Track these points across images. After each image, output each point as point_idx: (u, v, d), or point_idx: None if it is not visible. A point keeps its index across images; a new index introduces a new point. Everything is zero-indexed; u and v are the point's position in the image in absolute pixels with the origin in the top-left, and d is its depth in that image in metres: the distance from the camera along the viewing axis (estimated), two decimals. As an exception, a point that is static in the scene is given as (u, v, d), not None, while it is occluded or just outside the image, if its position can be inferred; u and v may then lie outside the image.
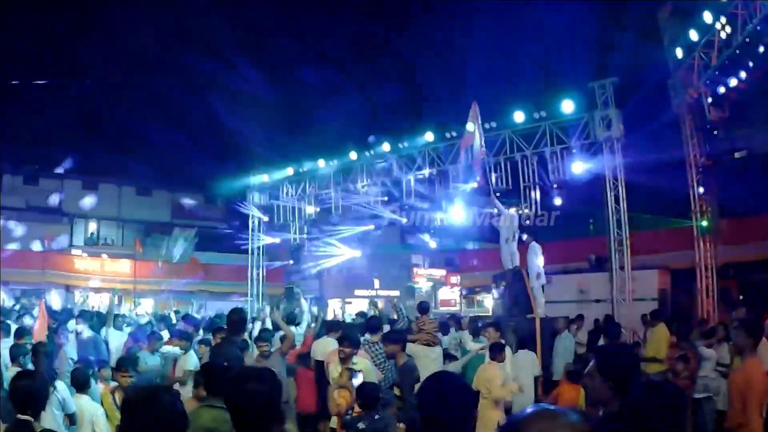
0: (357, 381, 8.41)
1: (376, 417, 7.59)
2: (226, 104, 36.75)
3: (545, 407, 2.21)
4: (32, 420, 5.03)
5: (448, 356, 12.33)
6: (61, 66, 41.62)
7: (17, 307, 18.77)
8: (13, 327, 12.54)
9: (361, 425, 7.46)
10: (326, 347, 11.23)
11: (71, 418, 7.70)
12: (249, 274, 29.84)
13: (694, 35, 16.53)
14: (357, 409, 7.95)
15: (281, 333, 10.96)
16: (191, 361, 10.87)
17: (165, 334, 13.84)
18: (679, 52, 17.34)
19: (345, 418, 7.96)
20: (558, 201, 20.18)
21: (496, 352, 10.61)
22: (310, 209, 27.39)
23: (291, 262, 32.56)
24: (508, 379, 10.38)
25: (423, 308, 13.26)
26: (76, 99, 40.64)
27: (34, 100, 39.86)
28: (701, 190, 18.56)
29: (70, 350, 11.49)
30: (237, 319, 9.14)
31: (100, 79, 41.48)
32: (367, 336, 10.94)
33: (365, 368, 8.93)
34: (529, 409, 2.22)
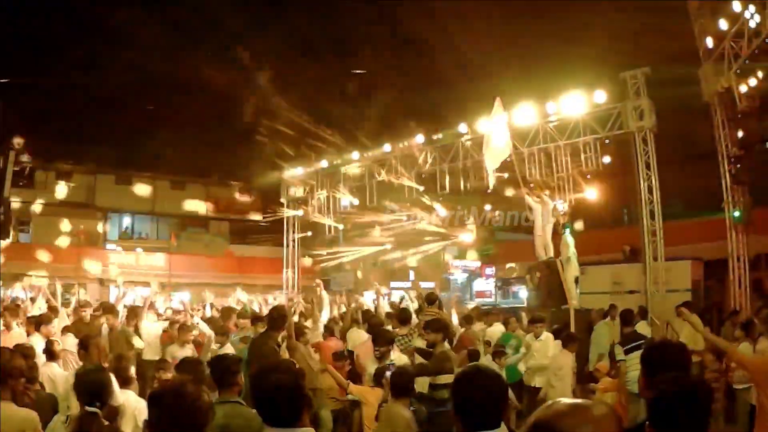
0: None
1: (411, 408, 7.77)
2: (259, 96, 37.41)
3: (575, 402, 2.33)
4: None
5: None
6: (94, 60, 42.38)
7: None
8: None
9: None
10: (356, 339, 12.00)
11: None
12: (284, 266, 30.45)
13: (723, 24, 16.71)
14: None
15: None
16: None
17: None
18: (709, 42, 17.52)
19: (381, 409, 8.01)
20: (591, 192, 20.43)
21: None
22: (346, 201, 27.84)
23: (326, 254, 33.21)
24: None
25: (430, 300, 13.71)
26: (109, 93, 41.42)
27: (66, 94, 40.75)
28: (732, 180, 18.58)
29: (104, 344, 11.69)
30: (277, 316, 9.61)
31: (133, 72, 42.22)
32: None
33: (401, 362, 9.38)
34: (558, 403, 2.36)
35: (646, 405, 3.57)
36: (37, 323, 11.76)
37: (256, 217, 43.28)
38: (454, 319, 14.04)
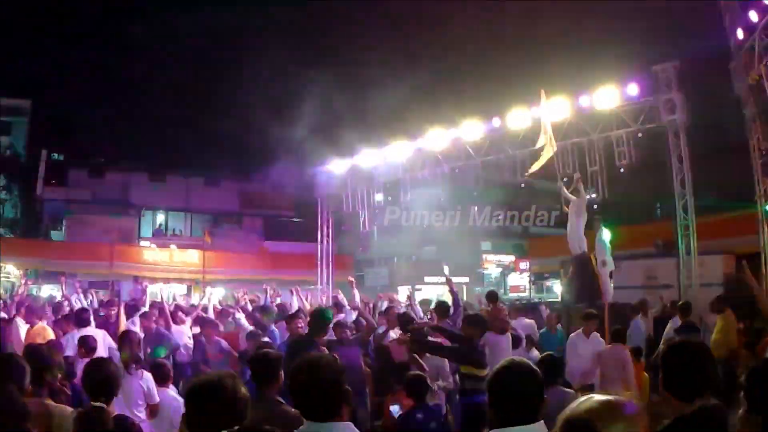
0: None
1: (432, 405, 8.18)
2: (293, 93, 38.09)
3: (608, 398, 2.49)
4: (105, 406, 5.28)
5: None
6: (127, 59, 43.28)
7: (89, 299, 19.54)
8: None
9: (419, 416, 7.90)
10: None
11: (152, 410, 8.19)
12: (318, 262, 30.83)
13: (753, 16, 16.62)
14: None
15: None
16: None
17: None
18: (740, 34, 17.44)
19: (399, 413, 8.28)
20: (624, 185, 20.66)
21: (622, 336, 11.59)
22: (379, 196, 28.28)
23: (360, 249, 33.60)
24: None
25: (492, 296, 14.33)
26: (142, 91, 42.33)
27: (99, 93, 41.77)
28: (764, 173, 18.15)
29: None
30: (319, 317, 9.77)
31: (165, 71, 43.06)
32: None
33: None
34: (591, 399, 2.52)
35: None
36: (76, 320, 12.03)
37: (290, 213, 44.03)
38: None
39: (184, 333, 13.80)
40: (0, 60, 44.19)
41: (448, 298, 15.07)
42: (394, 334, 11.99)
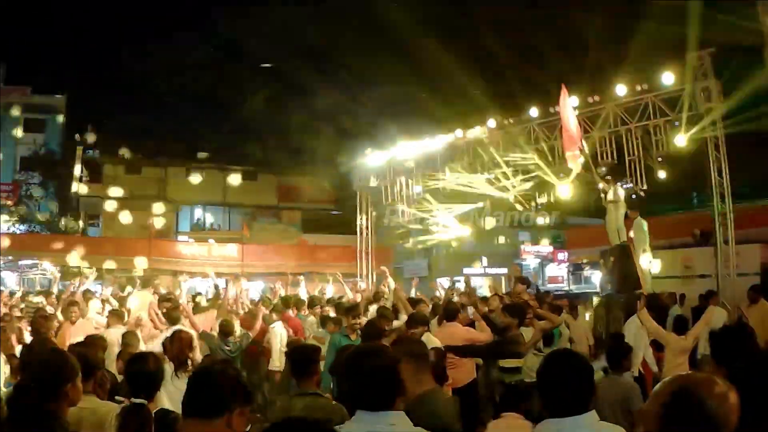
0: None
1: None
2: (331, 87, 38.97)
3: (706, 375, 2.68)
4: (145, 402, 5.33)
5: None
6: (162, 54, 44.28)
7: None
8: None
9: None
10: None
11: None
12: (357, 255, 31.72)
13: None
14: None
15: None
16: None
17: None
18: None
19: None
20: (662, 175, 21.06)
21: (684, 326, 11.80)
22: (418, 188, 28.54)
23: (400, 241, 34.21)
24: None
25: (525, 281, 14.91)
26: (176, 86, 43.35)
27: (136, 88, 42.89)
28: None
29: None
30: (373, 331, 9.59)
31: (202, 66, 44.05)
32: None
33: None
34: (692, 374, 2.71)
35: None
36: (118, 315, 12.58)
37: (329, 205, 44.87)
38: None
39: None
40: (34, 57, 45.60)
41: (486, 290, 15.83)
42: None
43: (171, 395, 6.08)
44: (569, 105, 20.17)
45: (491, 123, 25.06)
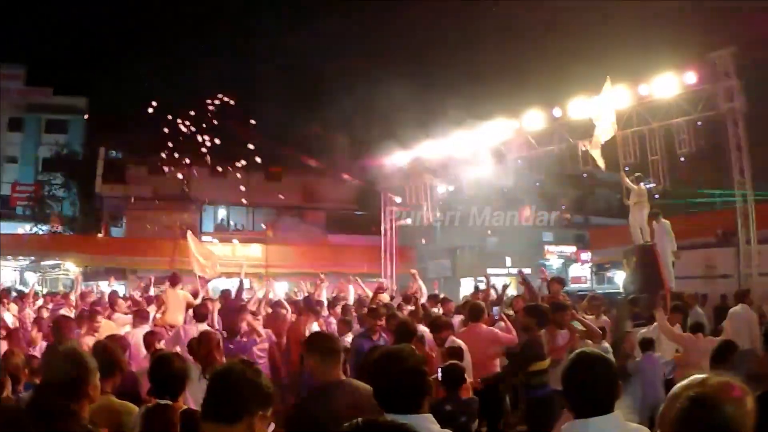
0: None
1: (463, 398, 8.21)
2: (355, 88, 39.40)
3: (724, 378, 2.69)
4: (170, 403, 5.35)
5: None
6: (184, 54, 44.92)
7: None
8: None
9: (448, 407, 7.91)
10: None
11: None
12: (381, 255, 32.05)
13: None
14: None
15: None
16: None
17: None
18: None
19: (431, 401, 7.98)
20: (685, 174, 21.33)
21: (701, 330, 11.77)
22: (441, 189, 29.22)
23: (423, 241, 34.56)
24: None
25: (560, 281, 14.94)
26: (200, 87, 43.88)
27: (156, 89, 43.41)
28: None
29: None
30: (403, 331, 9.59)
31: (223, 65, 44.61)
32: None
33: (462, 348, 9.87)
34: (711, 378, 2.70)
35: None
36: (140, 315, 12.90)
37: (352, 206, 45.29)
38: None
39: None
40: (56, 59, 46.36)
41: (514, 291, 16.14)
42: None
43: (197, 398, 5.36)
44: (608, 98, 20.51)
45: (515, 124, 25.35)
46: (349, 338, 12.15)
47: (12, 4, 48.55)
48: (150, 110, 37.19)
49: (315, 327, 13.81)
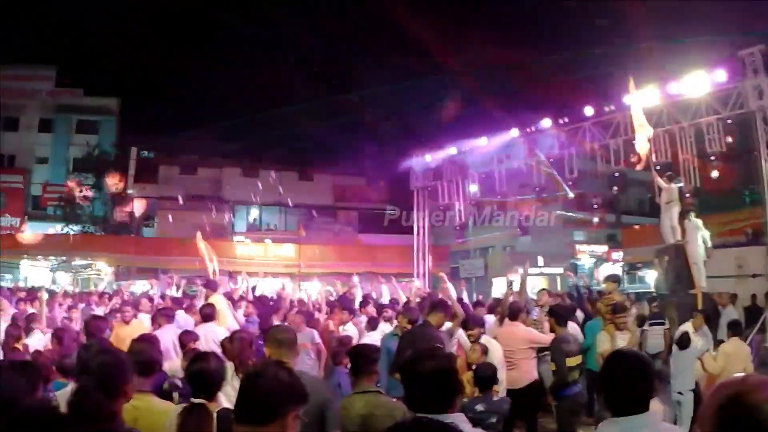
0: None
1: (494, 398, 8.31)
2: (386, 87, 40.02)
3: (762, 377, 2.67)
4: (205, 402, 5.37)
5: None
6: (216, 56, 45.67)
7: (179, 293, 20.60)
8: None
9: (479, 407, 7.98)
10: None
11: None
12: (414, 254, 32.46)
13: None
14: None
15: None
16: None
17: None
18: None
19: (463, 400, 7.70)
20: (715, 173, 21.51)
21: (739, 329, 12.11)
22: (474, 188, 29.49)
23: (456, 241, 35.00)
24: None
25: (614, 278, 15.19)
26: (232, 87, 44.66)
27: (189, 91, 44.29)
28: None
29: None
30: (436, 304, 10.22)
31: (255, 66, 45.28)
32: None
33: (490, 347, 10.14)
34: (749, 377, 2.70)
35: None
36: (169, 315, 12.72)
37: (385, 205, 45.82)
38: None
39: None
40: (88, 59, 47.25)
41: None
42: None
43: (230, 397, 5.89)
44: (636, 96, 20.59)
45: (546, 122, 25.84)
46: (377, 337, 12.40)
47: (42, 5, 49.41)
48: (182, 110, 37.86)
49: (350, 326, 14.19)
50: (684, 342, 11.74)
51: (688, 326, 12.78)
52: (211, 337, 10.91)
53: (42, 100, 55.07)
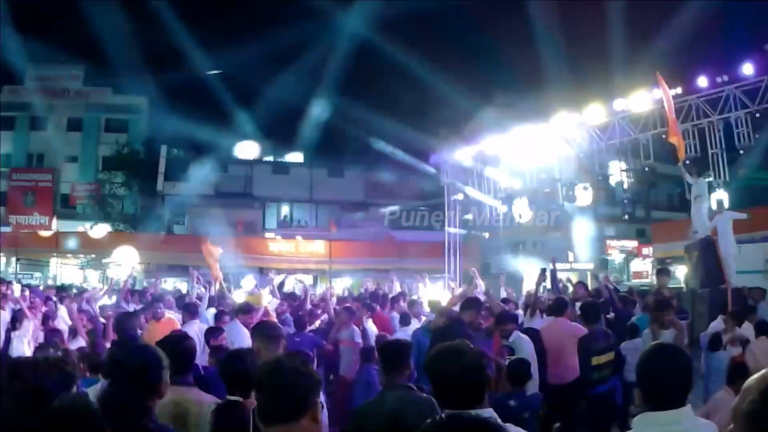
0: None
1: (528, 393, 8.45)
2: (418, 82, 40.44)
3: None
4: (240, 400, 5.42)
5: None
6: (244, 51, 46.12)
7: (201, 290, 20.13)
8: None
9: (512, 402, 8.05)
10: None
11: None
12: (445, 250, 32.60)
13: None
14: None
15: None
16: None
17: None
18: None
19: (495, 395, 7.89)
20: (744, 168, 21.76)
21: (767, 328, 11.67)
22: (506, 182, 29.74)
23: (487, 235, 35.33)
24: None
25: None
26: (262, 83, 45.13)
27: (219, 86, 44.86)
28: None
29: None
30: (470, 301, 10.72)
31: (286, 62, 45.72)
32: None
33: (519, 344, 10.00)
34: None
35: None
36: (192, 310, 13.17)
37: (416, 201, 46.14)
38: None
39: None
40: (116, 58, 47.83)
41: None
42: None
43: None
44: (666, 90, 20.78)
45: (577, 117, 25.84)
46: (408, 332, 12.73)
47: (70, 4, 50.09)
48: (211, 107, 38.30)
49: (369, 323, 14.67)
50: (715, 343, 11.65)
51: (719, 326, 12.75)
52: (234, 337, 10.87)
53: (70, 99, 56.08)
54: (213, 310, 15.01)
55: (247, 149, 52.32)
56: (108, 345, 10.52)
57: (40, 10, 51.14)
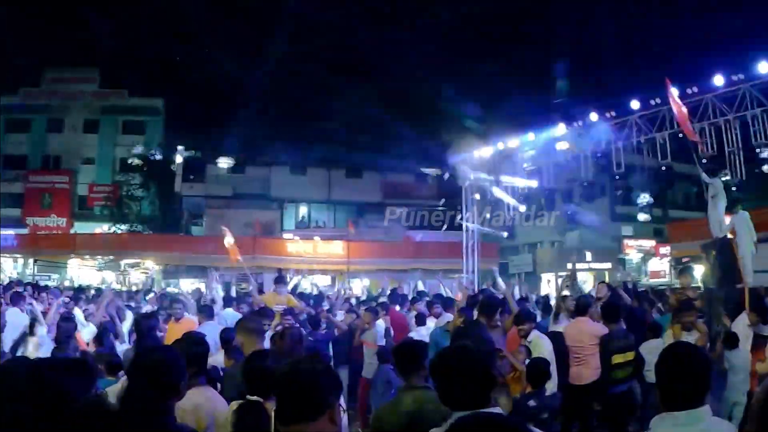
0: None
1: (548, 393, 8.52)
2: (435, 84, 40.79)
3: None
4: (262, 400, 5.46)
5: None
6: (261, 54, 46.59)
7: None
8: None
9: (531, 403, 8.15)
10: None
11: None
12: (463, 250, 32.65)
13: None
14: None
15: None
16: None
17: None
18: None
19: (515, 396, 8.09)
20: (763, 166, 21.79)
21: None
22: (521, 183, 30.03)
23: (505, 235, 35.57)
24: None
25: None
26: (280, 85, 45.62)
27: (237, 90, 45.36)
28: None
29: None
30: (488, 303, 10.55)
31: (303, 63, 46.20)
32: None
33: (537, 343, 10.00)
34: None
35: None
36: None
37: (434, 201, 46.42)
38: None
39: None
40: (132, 60, 48.42)
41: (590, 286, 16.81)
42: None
43: None
44: (675, 96, 20.85)
45: (593, 116, 26.19)
46: (425, 333, 12.86)
47: (85, 6, 50.77)
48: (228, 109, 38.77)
49: (379, 323, 14.99)
50: (732, 342, 11.47)
51: (740, 324, 12.40)
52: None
53: (87, 101, 56.77)
54: (230, 310, 15.42)
55: (265, 150, 52.73)
56: (118, 344, 11.30)
57: (56, 12, 51.73)
